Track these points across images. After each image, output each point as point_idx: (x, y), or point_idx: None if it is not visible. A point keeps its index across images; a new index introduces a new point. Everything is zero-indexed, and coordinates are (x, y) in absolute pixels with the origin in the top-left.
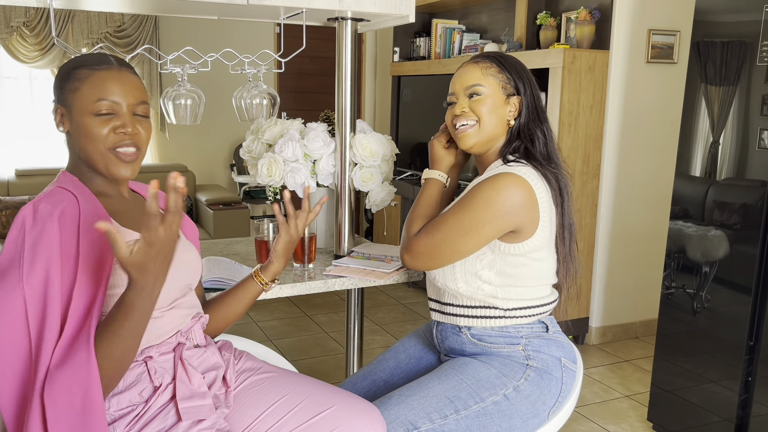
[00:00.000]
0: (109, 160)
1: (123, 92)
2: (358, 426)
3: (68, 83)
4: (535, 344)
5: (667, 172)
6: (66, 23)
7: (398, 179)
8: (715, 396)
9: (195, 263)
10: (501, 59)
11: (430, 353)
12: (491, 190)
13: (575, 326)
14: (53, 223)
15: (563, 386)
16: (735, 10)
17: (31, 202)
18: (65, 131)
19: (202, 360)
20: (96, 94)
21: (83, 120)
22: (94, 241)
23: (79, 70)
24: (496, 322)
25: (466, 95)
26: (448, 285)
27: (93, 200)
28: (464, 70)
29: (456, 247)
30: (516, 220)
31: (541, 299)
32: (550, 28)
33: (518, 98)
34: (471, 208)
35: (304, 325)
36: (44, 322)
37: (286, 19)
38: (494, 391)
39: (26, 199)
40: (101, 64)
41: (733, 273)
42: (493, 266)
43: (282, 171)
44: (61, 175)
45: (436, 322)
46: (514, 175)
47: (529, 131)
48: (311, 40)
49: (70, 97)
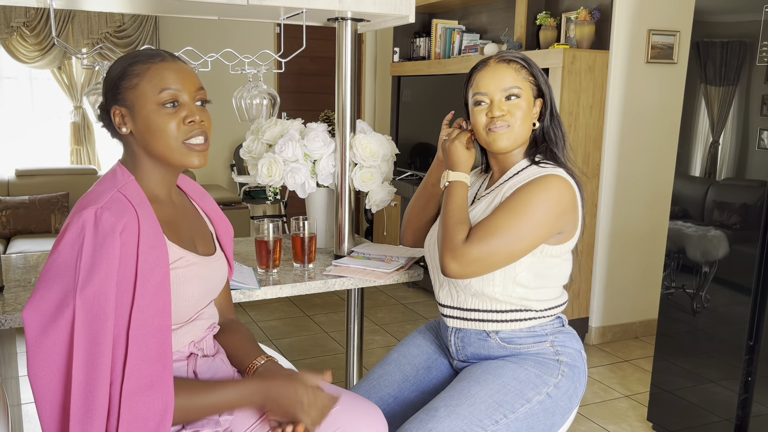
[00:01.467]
0: (182, 153)
1: (183, 81)
2: (360, 426)
3: (124, 81)
4: (559, 339)
5: (667, 172)
6: (66, 23)
7: (398, 179)
8: (715, 396)
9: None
10: (528, 61)
11: (437, 360)
12: (544, 192)
13: (575, 326)
14: (115, 238)
15: (583, 376)
16: (735, 10)
17: (93, 207)
18: (128, 132)
19: (212, 369)
20: (158, 85)
21: (149, 116)
22: (152, 262)
23: (134, 66)
24: (526, 323)
25: (504, 97)
26: (485, 290)
27: (150, 212)
28: (496, 70)
29: (512, 252)
30: (563, 222)
31: (561, 297)
32: (550, 29)
33: (541, 100)
34: (526, 212)
35: (304, 325)
36: (98, 338)
37: (286, 20)
38: (538, 391)
39: (26, 199)
40: (154, 57)
41: (733, 273)
42: (532, 268)
43: (282, 171)
44: (119, 172)
45: (454, 329)
46: (561, 177)
47: (551, 134)
48: (311, 40)
49: (131, 95)
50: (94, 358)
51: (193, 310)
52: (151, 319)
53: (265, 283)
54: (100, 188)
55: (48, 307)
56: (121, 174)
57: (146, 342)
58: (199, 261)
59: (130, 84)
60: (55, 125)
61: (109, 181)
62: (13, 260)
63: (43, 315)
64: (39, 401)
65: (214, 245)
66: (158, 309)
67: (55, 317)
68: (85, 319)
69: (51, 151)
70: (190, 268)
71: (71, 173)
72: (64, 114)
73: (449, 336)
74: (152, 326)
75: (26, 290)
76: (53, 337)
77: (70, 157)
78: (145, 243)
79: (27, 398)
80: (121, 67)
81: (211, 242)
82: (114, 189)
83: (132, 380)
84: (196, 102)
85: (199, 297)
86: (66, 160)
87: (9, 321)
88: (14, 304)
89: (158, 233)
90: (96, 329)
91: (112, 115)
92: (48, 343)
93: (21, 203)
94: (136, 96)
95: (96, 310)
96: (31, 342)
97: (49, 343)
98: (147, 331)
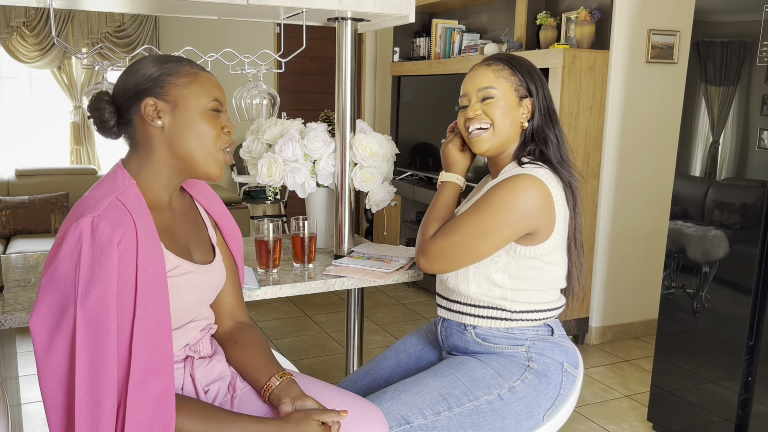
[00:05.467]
0: (214, 160)
1: (222, 96)
2: (361, 427)
3: (174, 78)
4: (538, 347)
5: (667, 172)
6: (66, 23)
7: (398, 179)
8: (715, 396)
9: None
10: (513, 61)
11: (430, 352)
12: (509, 192)
13: (575, 326)
14: (112, 248)
15: (561, 390)
16: (735, 10)
17: (90, 215)
18: (160, 126)
19: (208, 371)
20: (209, 92)
21: (195, 117)
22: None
23: (186, 66)
24: (502, 323)
25: (479, 98)
26: (460, 287)
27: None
28: (476, 72)
29: (473, 249)
30: (533, 223)
31: (549, 303)
32: (550, 28)
33: (531, 100)
34: (489, 210)
35: (304, 325)
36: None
37: (286, 19)
38: (488, 391)
39: (26, 199)
40: (195, 66)
41: (733, 273)
42: (507, 269)
43: (282, 171)
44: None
45: (441, 319)
46: (532, 176)
47: (543, 133)
48: (311, 40)
49: (178, 92)
50: (98, 371)
51: (187, 317)
52: (153, 330)
53: (265, 283)
54: (97, 193)
55: (53, 318)
56: (122, 177)
57: (148, 353)
58: (194, 270)
59: (181, 82)
60: (55, 125)
61: (108, 185)
62: (13, 260)
63: (49, 325)
64: (48, 412)
65: (213, 253)
66: (160, 320)
67: (58, 328)
68: (87, 330)
69: (51, 151)
70: (185, 277)
71: (71, 173)
72: (64, 114)
73: (438, 324)
74: (154, 337)
75: (26, 290)
76: (59, 349)
77: (70, 157)
78: (143, 252)
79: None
80: (166, 62)
81: (209, 250)
82: (112, 195)
83: (137, 393)
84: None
85: (192, 305)
86: (66, 160)
87: (9, 321)
88: (14, 304)
89: (156, 242)
90: (98, 341)
91: (144, 106)
92: (55, 354)
93: (21, 203)
94: (185, 94)
95: (96, 321)
96: (39, 353)
97: (56, 355)
98: (149, 342)
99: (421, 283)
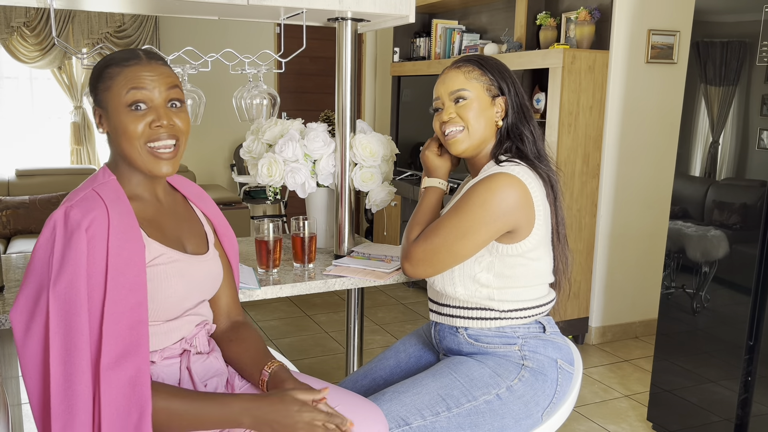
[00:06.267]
0: (147, 158)
1: (153, 83)
2: (361, 426)
3: (101, 83)
4: (531, 345)
5: (667, 172)
6: (66, 23)
7: (398, 179)
8: (715, 396)
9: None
10: (482, 61)
11: (429, 352)
12: (486, 191)
13: (575, 326)
14: (81, 233)
15: (558, 388)
16: (735, 10)
17: (63, 205)
18: (104, 132)
19: (205, 366)
20: (126, 86)
21: (119, 118)
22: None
23: (110, 68)
24: (493, 323)
25: (452, 100)
26: (447, 289)
27: (126, 209)
28: (447, 75)
29: (454, 250)
30: (512, 220)
31: (537, 299)
32: (550, 29)
33: (503, 99)
34: (467, 211)
35: (304, 324)
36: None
37: (286, 20)
38: (487, 391)
39: (26, 199)
40: (129, 60)
41: (733, 273)
42: (492, 268)
43: (282, 171)
44: (100, 172)
45: (434, 323)
46: (509, 175)
47: (518, 130)
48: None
49: (105, 97)
50: (70, 353)
51: (179, 307)
52: (126, 312)
53: (265, 282)
54: (78, 189)
55: (29, 306)
56: (102, 173)
57: (121, 336)
58: (182, 259)
59: (105, 86)
60: (55, 125)
61: (90, 181)
62: (13, 260)
63: (26, 314)
64: (30, 397)
65: (207, 245)
66: (134, 303)
67: (33, 315)
68: (59, 314)
69: (51, 151)
70: (171, 265)
71: (71, 173)
72: (64, 114)
73: (432, 329)
74: (128, 320)
75: None
76: (35, 335)
77: (70, 157)
78: (116, 237)
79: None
80: (99, 69)
81: (203, 242)
82: (89, 188)
83: (109, 374)
84: (169, 103)
85: (183, 294)
86: (66, 160)
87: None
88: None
89: (133, 228)
90: (70, 324)
91: (94, 115)
92: (32, 341)
93: (21, 203)
94: (109, 98)
95: (68, 305)
96: (18, 341)
97: (33, 341)
98: (122, 325)
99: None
